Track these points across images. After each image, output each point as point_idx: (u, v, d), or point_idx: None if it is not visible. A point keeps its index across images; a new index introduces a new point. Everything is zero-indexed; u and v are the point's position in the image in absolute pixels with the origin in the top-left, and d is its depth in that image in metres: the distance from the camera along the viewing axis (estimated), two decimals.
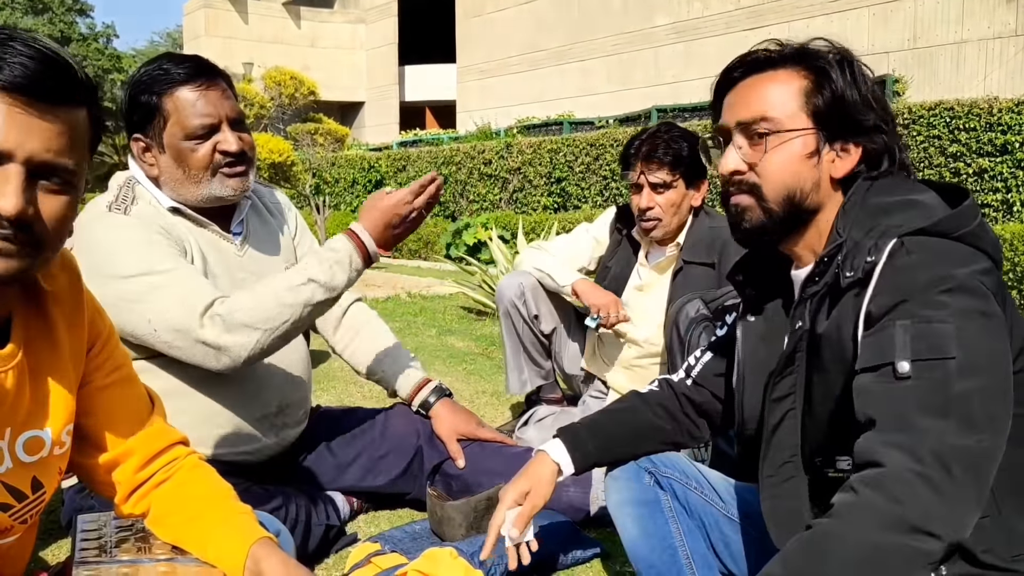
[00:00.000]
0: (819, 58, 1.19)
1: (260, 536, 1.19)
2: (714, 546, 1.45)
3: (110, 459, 1.21)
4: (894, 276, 1.04)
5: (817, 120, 1.17)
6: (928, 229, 1.05)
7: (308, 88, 18.76)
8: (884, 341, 1.00)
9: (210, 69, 1.81)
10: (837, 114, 1.17)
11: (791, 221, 1.20)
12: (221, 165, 1.80)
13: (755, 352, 1.33)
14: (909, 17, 11.76)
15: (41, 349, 1.09)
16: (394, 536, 1.88)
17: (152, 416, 1.26)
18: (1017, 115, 6.58)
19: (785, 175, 1.18)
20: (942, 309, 0.98)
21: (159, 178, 1.82)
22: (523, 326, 2.75)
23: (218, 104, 1.78)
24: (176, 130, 1.76)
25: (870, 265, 1.06)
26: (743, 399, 1.35)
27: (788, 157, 1.18)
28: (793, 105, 1.17)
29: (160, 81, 1.76)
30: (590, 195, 9.96)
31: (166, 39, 45.61)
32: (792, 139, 1.17)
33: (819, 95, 1.17)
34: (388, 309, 5.86)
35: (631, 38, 15.81)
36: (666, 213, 2.50)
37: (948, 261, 1.02)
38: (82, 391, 1.18)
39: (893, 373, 0.98)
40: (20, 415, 1.06)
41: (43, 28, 33.63)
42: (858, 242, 1.10)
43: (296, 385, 1.97)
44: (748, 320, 1.35)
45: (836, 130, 1.17)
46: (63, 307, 1.13)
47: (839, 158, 1.18)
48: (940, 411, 0.94)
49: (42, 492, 1.11)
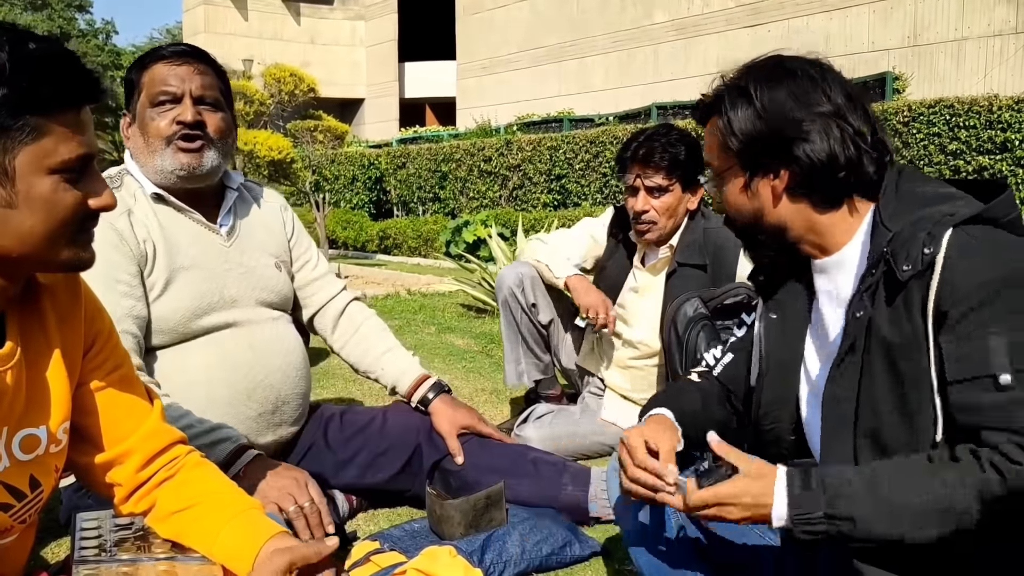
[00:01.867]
0: (721, 101, 1.25)
1: (276, 531, 1.19)
2: (715, 543, 1.45)
3: (109, 459, 1.21)
4: (969, 270, 1.05)
5: (736, 157, 1.25)
6: (981, 215, 1.08)
7: (308, 85, 18.72)
8: (977, 352, 1.03)
9: (195, 52, 1.88)
10: (747, 148, 1.23)
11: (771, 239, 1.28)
12: (176, 137, 1.82)
13: (778, 349, 1.35)
14: (909, 14, 11.75)
15: (35, 345, 1.09)
16: (393, 534, 1.88)
17: (151, 415, 1.26)
18: (1017, 113, 6.58)
19: (735, 209, 1.29)
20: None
21: (133, 153, 1.88)
22: (521, 315, 2.75)
23: (186, 78, 1.83)
24: (144, 100, 1.83)
25: (929, 256, 1.07)
26: (761, 396, 1.36)
27: (730, 194, 1.29)
28: (718, 149, 1.28)
29: (145, 58, 1.86)
30: (590, 192, 9.96)
31: (166, 35, 45.53)
32: (727, 179, 1.28)
33: (728, 137, 1.24)
34: (388, 306, 5.86)
35: (631, 35, 15.80)
36: (662, 216, 2.50)
37: (1013, 252, 1.06)
38: (81, 390, 1.18)
39: (995, 385, 1.01)
40: (16, 413, 1.06)
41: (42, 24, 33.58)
42: (907, 233, 1.11)
43: (293, 383, 1.97)
44: (771, 318, 1.37)
45: (755, 159, 1.23)
46: (57, 300, 1.13)
47: (777, 181, 1.23)
48: None
49: (40, 491, 1.11)
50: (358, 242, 11.99)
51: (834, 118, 1.18)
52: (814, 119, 1.18)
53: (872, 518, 1.04)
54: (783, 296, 1.37)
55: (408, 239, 11.02)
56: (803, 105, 1.18)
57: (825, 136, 1.17)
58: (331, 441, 2.07)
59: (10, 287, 1.05)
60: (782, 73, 1.21)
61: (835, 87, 1.20)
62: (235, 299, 1.90)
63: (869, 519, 1.04)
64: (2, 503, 1.07)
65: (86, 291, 1.19)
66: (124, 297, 1.75)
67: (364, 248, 11.92)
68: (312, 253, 2.16)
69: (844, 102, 1.19)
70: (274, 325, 1.97)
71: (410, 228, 11.12)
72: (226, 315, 1.88)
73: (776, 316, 1.37)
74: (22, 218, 0.96)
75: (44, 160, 0.95)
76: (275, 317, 1.99)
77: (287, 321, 2.04)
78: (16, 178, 0.94)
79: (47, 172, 0.96)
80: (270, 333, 1.94)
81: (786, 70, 1.22)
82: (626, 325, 2.65)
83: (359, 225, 12.11)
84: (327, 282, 2.16)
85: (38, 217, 0.97)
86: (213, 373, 1.83)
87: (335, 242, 12.11)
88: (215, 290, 1.86)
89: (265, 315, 1.96)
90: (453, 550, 1.64)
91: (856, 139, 1.18)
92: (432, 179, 12.26)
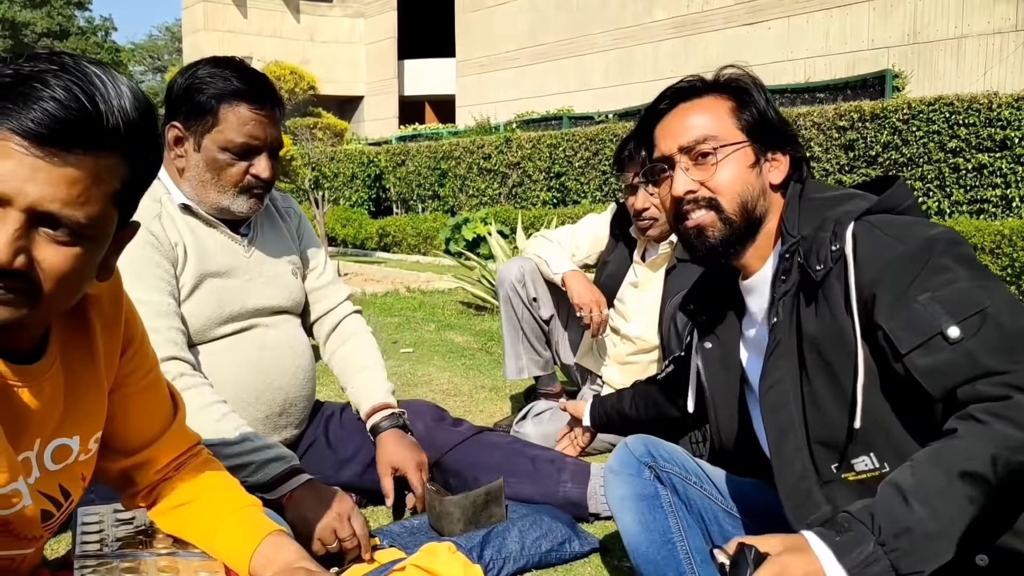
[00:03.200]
0: (736, 82, 1.32)
1: (272, 529, 1.20)
2: (713, 541, 1.45)
3: (131, 464, 1.21)
4: (878, 252, 1.11)
5: (749, 134, 1.29)
6: (875, 208, 1.15)
7: (308, 83, 18.70)
8: (916, 319, 1.06)
9: (273, 94, 1.85)
10: (763, 127, 1.29)
11: (747, 230, 1.29)
12: (250, 188, 1.84)
13: (716, 377, 1.42)
14: (909, 12, 11.74)
15: (77, 358, 1.08)
16: (392, 531, 1.88)
17: (175, 421, 1.26)
18: (1017, 110, 6.57)
19: (737, 185, 1.27)
20: (948, 272, 1.06)
21: (183, 171, 1.84)
22: (523, 310, 2.76)
23: (268, 131, 1.82)
24: (220, 138, 1.79)
25: (838, 252, 1.14)
26: (718, 425, 1.43)
27: (736, 169, 1.28)
28: (727, 122, 1.29)
29: (222, 87, 1.78)
30: (589, 190, 9.95)
31: (165, 33, 45.48)
32: (735, 152, 1.28)
33: (745, 112, 1.30)
34: (387, 304, 5.86)
35: (631, 32, 15.78)
36: (663, 213, 2.50)
37: (918, 226, 1.12)
38: (113, 395, 1.17)
39: (946, 340, 1.03)
40: (51, 425, 1.05)
41: (41, 21, 33.53)
42: (813, 237, 1.18)
43: (300, 385, 1.98)
44: (705, 347, 1.43)
45: (765, 142, 1.29)
46: (102, 310, 1.11)
47: (773, 167, 1.30)
48: (1007, 352, 1.00)
49: (70, 500, 1.11)
50: (357, 240, 11.98)
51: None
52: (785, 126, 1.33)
53: (923, 518, 0.95)
54: (715, 323, 1.43)
55: (408, 237, 11.02)
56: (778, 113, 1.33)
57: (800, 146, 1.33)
58: (332, 439, 2.07)
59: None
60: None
61: None
62: (255, 308, 1.91)
63: (922, 520, 0.95)
64: (44, 511, 1.06)
65: (125, 295, 1.18)
66: (169, 296, 1.77)
67: (364, 246, 11.91)
68: (320, 260, 2.16)
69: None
70: (286, 328, 1.98)
71: (409, 226, 11.12)
72: (243, 322, 1.89)
73: (711, 345, 1.43)
74: None
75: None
76: (286, 319, 2.00)
77: (297, 324, 2.05)
78: None
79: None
80: (282, 335, 1.96)
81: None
82: (624, 320, 2.66)
83: (358, 223, 12.10)
84: (331, 291, 2.16)
85: None
86: (223, 374, 1.83)
87: (334, 240, 12.10)
88: (237, 300, 1.88)
89: (278, 319, 1.97)
90: (452, 546, 1.65)
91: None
92: (431, 177, 12.25)
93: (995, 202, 6.71)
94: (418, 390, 3.43)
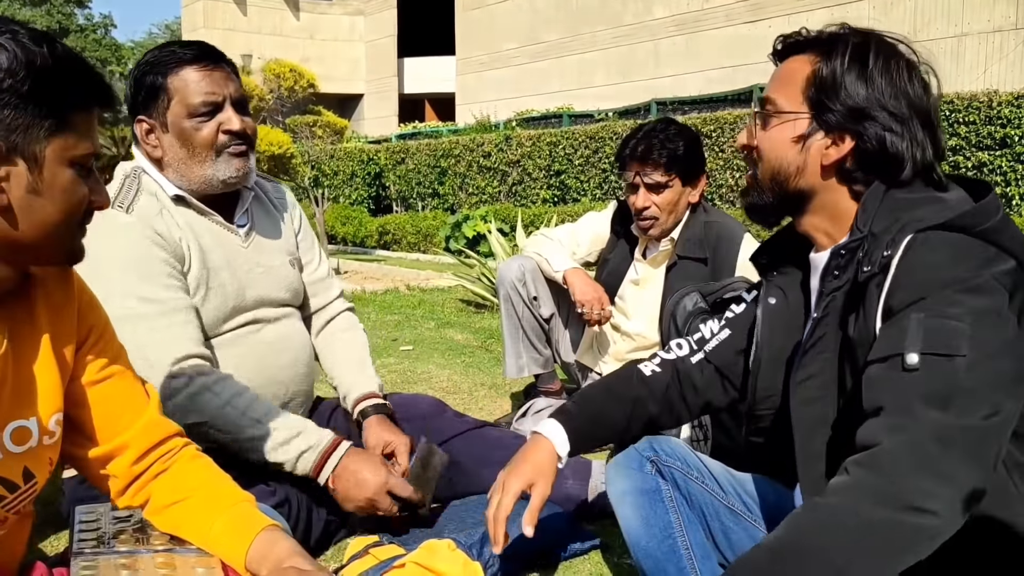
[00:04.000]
0: (834, 44, 1.20)
1: (266, 524, 1.20)
2: (714, 536, 1.45)
3: (105, 452, 1.21)
4: (913, 272, 1.04)
5: (812, 106, 1.19)
6: (948, 224, 1.05)
7: (308, 80, 18.72)
8: (896, 333, 1.01)
9: (215, 52, 1.84)
10: (832, 103, 1.17)
11: (782, 202, 1.24)
12: (227, 145, 1.81)
13: (773, 337, 1.34)
14: (909, 10, 11.74)
15: (23, 336, 1.09)
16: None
17: (147, 408, 1.26)
18: (1017, 109, 6.57)
19: (771, 156, 1.23)
20: (958, 307, 0.99)
21: (163, 160, 1.83)
22: (523, 308, 2.75)
23: (222, 84, 1.80)
24: (180, 109, 1.78)
25: (887, 259, 1.06)
26: (757, 382, 1.36)
27: (777, 139, 1.22)
28: (795, 90, 1.20)
29: (165, 62, 1.79)
30: (589, 188, 9.95)
31: (164, 31, 45.49)
32: (784, 123, 1.21)
33: (818, 82, 1.18)
34: (387, 302, 5.86)
35: (631, 31, 15.77)
36: (663, 212, 2.51)
37: (967, 259, 1.02)
38: (76, 384, 1.18)
39: (901, 364, 0.99)
40: (5, 405, 1.06)
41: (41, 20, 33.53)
42: (878, 236, 1.11)
43: (300, 379, 1.97)
44: (769, 303, 1.36)
45: (832, 119, 1.18)
46: (48, 292, 1.13)
47: (833, 147, 1.19)
48: (942, 403, 0.95)
49: (34, 482, 1.11)
50: (357, 238, 11.99)
51: (925, 122, 1.17)
52: (908, 113, 1.16)
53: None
54: (783, 283, 1.35)
55: (407, 235, 11.02)
56: (905, 95, 1.16)
57: (909, 135, 1.16)
58: None
59: (10, 279, 1.06)
60: (901, 56, 1.19)
61: (935, 98, 1.20)
62: (256, 300, 1.90)
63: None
64: None
65: (79, 283, 1.19)
66: (180, 291, 1.77)
67: (363, 244, 11.91)
68: (315, 254, 2.15)
69: (935, 116, 1.19)
70: (287, 322, 1.97)
71: (409, 224, 11.12)
72: (247, 316, 1.89)
73: (775, 301, 1.35)
74: (44, 205, 1.01)
75: (66, 152, 1.01)
76: (288, 313, 1.99)
77: (298, 317, 2.04)
78: (44, 167, 1.00)
79: (68, 164, 1.02)
80: (284, 329, 1.95)
81: (906, 55, 1.20)
82: (625, 317, 2.66)
83: (358, 221, 12.10)
84: (325, 287, 2.15)
85: (57, 206, 1.02)
86: (224, 369, 1.82)
87: (334, 238, 12.10)
88: (239, 292, 1.87)
89: (279, 312, 1.96)
90: (452, 543, 1.64)
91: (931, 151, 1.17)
92: (431, 175, 12.25)
93: None
94: (417, 388, 3.42)
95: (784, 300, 1.34)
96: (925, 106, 1.17)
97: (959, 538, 0.94)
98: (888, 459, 0.94)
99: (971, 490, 0.93)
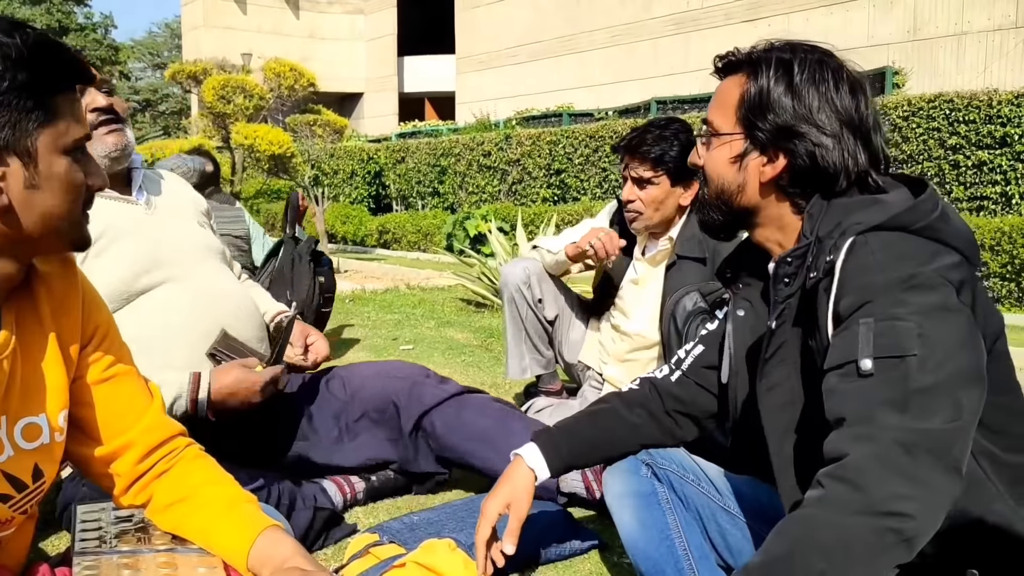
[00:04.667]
0: (761, 63, 1.20)
1: (268, 524, 1.20)
2: (711, 538, 1.46)
3: (109, 451, 1.21)
4: (857, 276, 1.05)
5: (745, 127, 1.20)
6: (886, 224, 1.07)
7: (308, 80, 18.70)
8: (848, 340, 1.03)
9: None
10: (761, 122, 1.18)
11: (732, 218, 1.27)
12: (96, 125, 1.86)
13: (745, 345, 1.36)
14: (909, 9, 11.74)
15: (30, 333, 1.10)
16: (392, 527, 1.88)
17: (151, 408, 1.26)
18: (1017, 107, 6.57)
19: (714, 176, 1.25)
20: (903, 307, 1.00)
21: None
22: (527, 311, 2.75)
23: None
24: None
25: (830, 264, 1.08)
26: (736, 394, 1.37)
27: (717, 160, 1.25)
28: (729, 111, 1.22)
29: None
30: (589, 187, 9.96)
31: (164, 30, 45.46)
32: (722, 143, 1.23)
33: (747, 103, 1.19)
34: (387, 301, 5.86)
35: (630, 29, 15.77)
36: (647, 207, 2.49)
37: (909, 258, 1.03)
38: (80, 382, 1.18)
39: (857, 371, 1.00)
40: (15, 402, 1.06)
41: (40, 19, 33.51)
42: (823, 241, 1.12)
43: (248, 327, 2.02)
44: (738, 315, 1.37)
45: (763, 137, 1.19)
46: (52, 289, 1.13)
47: (769, 164, 1.20)
48: (901, 406, 0.97)
49: (42, 482, 1.11)
50: (357, 237, 11.99)
51: (856, 132, 1.16)
52: (838, 126, 1.16)
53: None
54: (748, 294, 1.37)
55: (407, 234, 11.02)
56: (833, 107, 1.16)
57: (839, 147, 1.15)
58: (317, 424, 2.09)
59: (17, 275, 1.06)
60: (827, 67, 1.18)
61: (869, 102, 1.18)
62: (170, 258, 1.96)
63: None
64: (1, 494, 1.07)
65: (83, 282, 1.19)
66: None
67: (363, 243, 11.92)
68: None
69: (872, 121, 1.18)
70: (216, 276, 2.04)
71: (409, 223, 11.12)
72: (165, 272, 1.93)
73: (743, 313, 1.37)
74: (45, 198, 1.01)
75: (59, 141, 1.01)
76: (215, 270, 2.05)
77: (228, 274, 2.11)
78: (39, 160, 0.99)
79: (62, 152, 1.01)
80: (213, 283, 2.01)
81: (833, 67, 1.19)
82: (625, 317, 2.66)
83: (358, 219, 12.11)
84: None
85: (58, 197, 1.02)
86: (168, 322, 1.87)
87: (334, 237, 12.10)
88: (149, 251, 1.92)
89: (205, 268, 2.02)
90: (452, 543, 1.65)
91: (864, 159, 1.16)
92: (431, 174, 12.25)
93: (995, 199, 6.71)
94: None
95: (752, 310, 1.36)
96: (854, 115, 1.17)
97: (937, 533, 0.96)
98: (856, 470, 0.95)
99: (943, 489, 0.95)
